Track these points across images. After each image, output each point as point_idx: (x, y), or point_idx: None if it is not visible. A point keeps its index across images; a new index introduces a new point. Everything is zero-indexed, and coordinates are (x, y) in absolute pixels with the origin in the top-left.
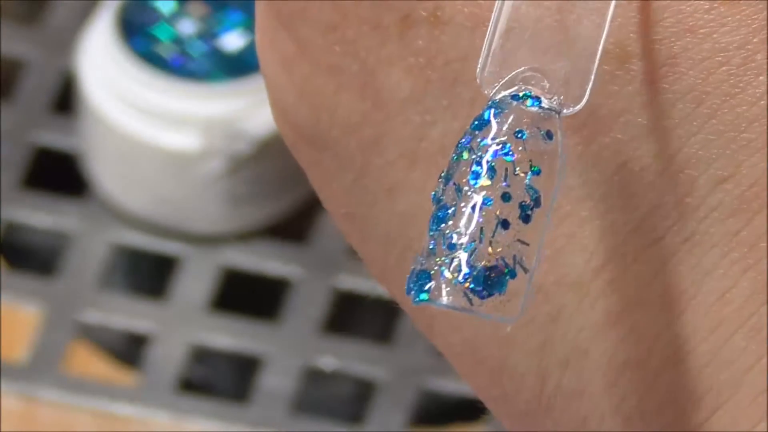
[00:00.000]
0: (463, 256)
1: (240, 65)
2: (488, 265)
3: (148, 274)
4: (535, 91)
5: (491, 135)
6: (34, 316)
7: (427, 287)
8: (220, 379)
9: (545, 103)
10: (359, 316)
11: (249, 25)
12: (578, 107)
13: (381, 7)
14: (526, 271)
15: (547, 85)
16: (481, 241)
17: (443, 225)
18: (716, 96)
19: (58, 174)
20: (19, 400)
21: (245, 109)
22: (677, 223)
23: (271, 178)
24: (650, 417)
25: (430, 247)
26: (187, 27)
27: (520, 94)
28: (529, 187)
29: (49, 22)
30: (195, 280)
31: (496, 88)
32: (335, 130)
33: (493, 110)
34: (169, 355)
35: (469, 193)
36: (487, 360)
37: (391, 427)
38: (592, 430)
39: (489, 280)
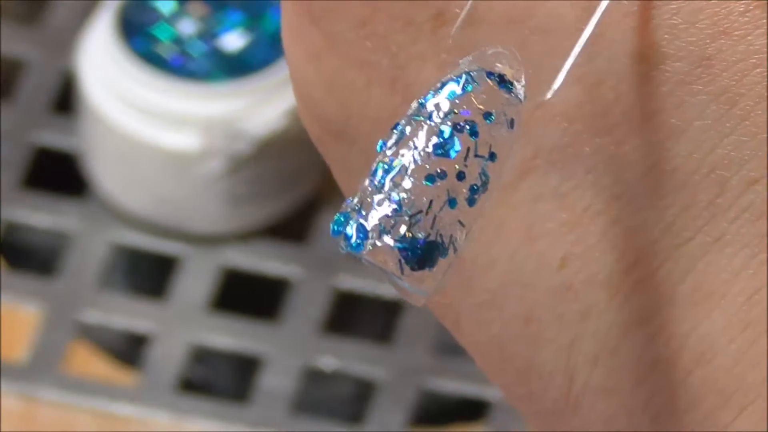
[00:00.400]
0: (406, 223)
1: (240, 65)
2: (428, 239)
3: (148, 274)
4: (508, 74)
5: (460, 105)
6: (34, 316)
7: (365, 242)
8: (220, 379)
9: (516, 89)
10: (359, 316)
11: (249, 25)
12: (543, 99)
13: (414, 3)
14: (455, 252)
15: (516, 69)
16: (426, 214)
17: (390, 181)
18: (750, 98)
19: (58, 174)
20: (19, 400)
21: (245, 109)
22: (708, 224)
23: (271, 178)
24: (678, 415)
25: (375, 200)
26: (187, 27)
27: (495, 73)
28: (483, 173)
29: (49, 22)
30: (195, 280)
31: (469, 57)
32: (365, 125)
33: (466, 80)
34: (169, 355)
35: (424, 161)
36: (514, 358)
37: (391, 427)
38: (619, 428)
39: (424, 253)
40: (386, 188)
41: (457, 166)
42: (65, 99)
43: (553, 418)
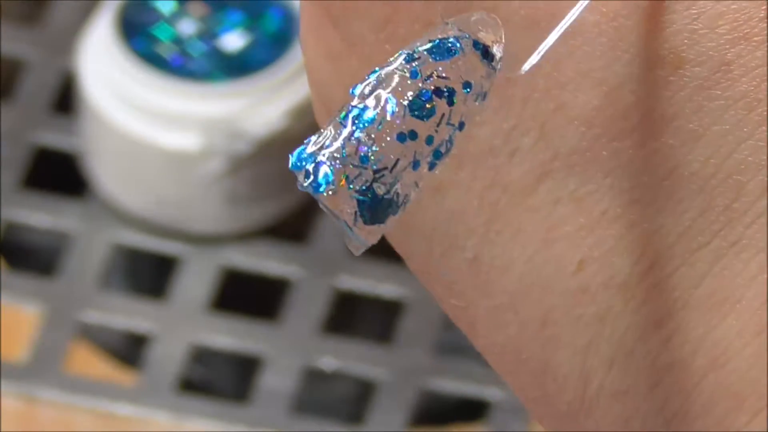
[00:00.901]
0: (370, 177)
1: (240, 65)
2: (385, 196)
3: (148, 274)
4: (490, 43)
5: (443, 70)
6: (34, 316)
7: (326, 187)
8: (220, 379)
9: (495, 61)
10: (359, 316)
11: (249, 25)
12: (514, 75)
13: (434, 4)
14: (404, 212)
15: (498, 37)
16: (391, 171)
17: (361, 131)
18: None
19: (58, 174)
20: (19, 400)
21: (245, 109)
22: (724, 228)
23: (271, 178)
24: (693, 418)
25: (340, 140)
26: (187, 27)
27: (480, 43)
28: (450, 140)
29: (49, 22)
30: (195, 280)
31: (453, 20)
32: None
33: (453, 45)
34: (169, 355)
35: (398, 118)
36: (529, 360)
37: (391, 427)
38: (634, 431)
39: (379, 209)
40: (350, 133)
41: (428, 130)
42: (65, 99)
43: (567, 420)
